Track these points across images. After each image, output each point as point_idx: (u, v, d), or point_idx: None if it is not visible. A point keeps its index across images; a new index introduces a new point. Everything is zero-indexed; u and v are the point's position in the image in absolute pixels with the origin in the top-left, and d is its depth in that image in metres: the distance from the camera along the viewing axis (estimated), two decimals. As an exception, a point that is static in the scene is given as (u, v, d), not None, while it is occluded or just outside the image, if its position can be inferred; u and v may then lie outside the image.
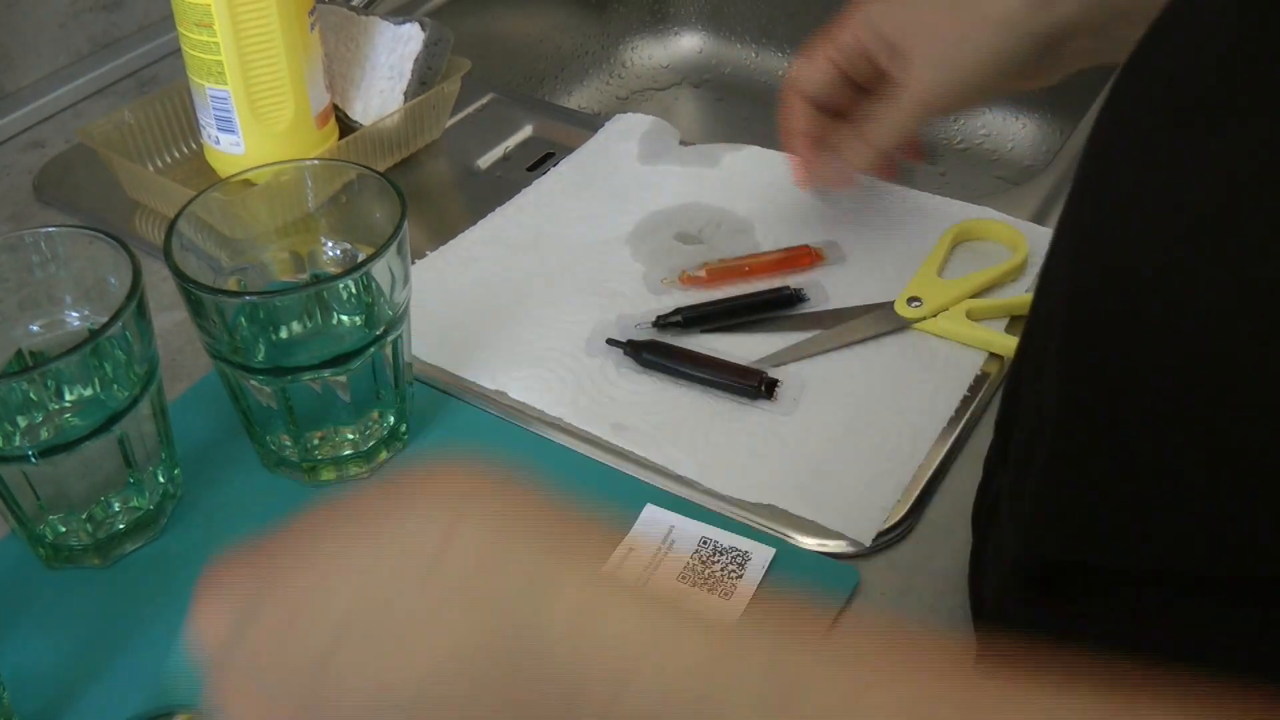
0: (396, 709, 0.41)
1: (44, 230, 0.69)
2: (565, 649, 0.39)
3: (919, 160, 0.88)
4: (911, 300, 0.82)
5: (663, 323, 0.81)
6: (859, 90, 0.83)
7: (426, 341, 0.81)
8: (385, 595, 0.42)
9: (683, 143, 1.01)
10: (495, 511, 0.44)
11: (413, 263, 0.87)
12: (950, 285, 0.83)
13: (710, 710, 0.38)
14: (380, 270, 0.68)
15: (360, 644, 0.42)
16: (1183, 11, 0.47)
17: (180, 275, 0.65)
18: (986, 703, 0.36)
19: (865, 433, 0.74)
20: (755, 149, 0.99)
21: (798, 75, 0.84)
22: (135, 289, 0.65)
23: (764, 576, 0.66)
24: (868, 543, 0.68)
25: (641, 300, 0.84)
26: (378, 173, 0.72)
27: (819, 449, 0.73)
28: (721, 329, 0.81)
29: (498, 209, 0.94)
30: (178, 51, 0.91)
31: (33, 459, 0.63)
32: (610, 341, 0.80)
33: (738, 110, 1.43)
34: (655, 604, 0.41)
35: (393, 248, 0.67)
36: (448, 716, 0.41)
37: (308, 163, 0.75)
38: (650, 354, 0.79)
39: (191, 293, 0.65)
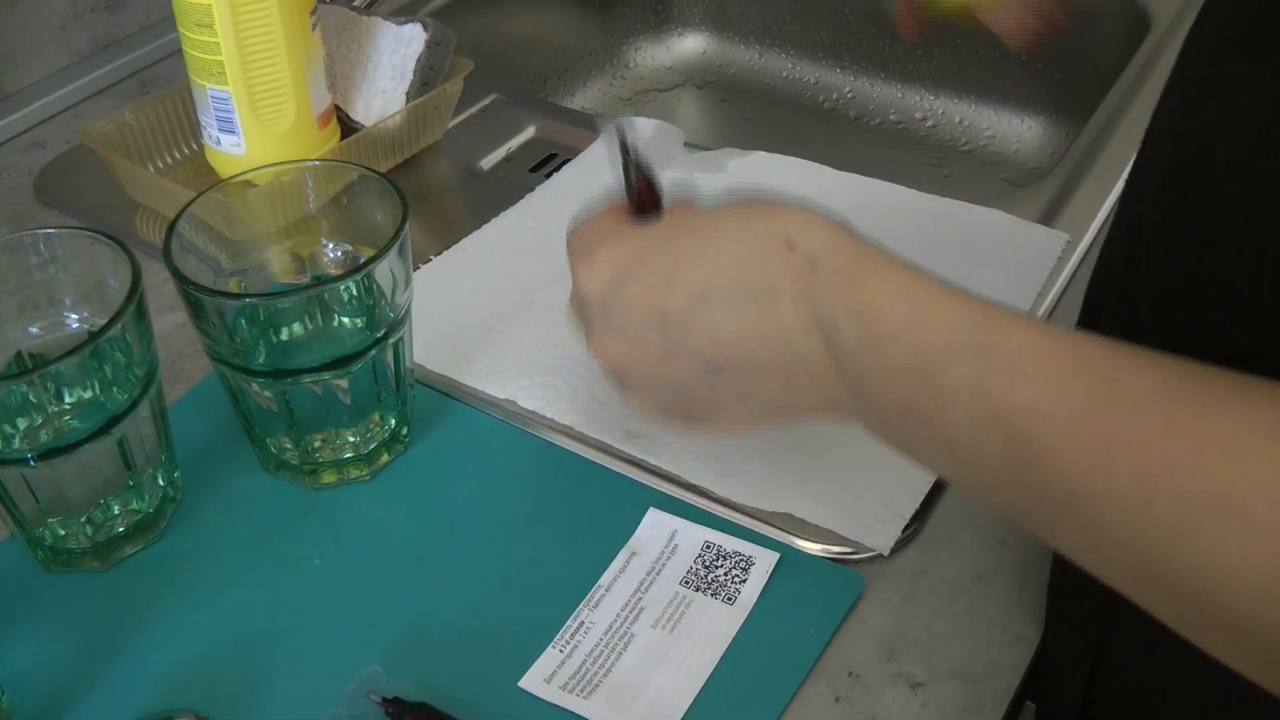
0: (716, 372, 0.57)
1: (43, 232, 0.69)
2: None
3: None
4: None
5: None
6: None
7: (433, 348, 0.81)
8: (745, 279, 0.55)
9: (687, 145, 1.01)
10: None
11: (418, 267, 0.87)
12: None
13: None
14: (381, 272, 0.67)
15: (708, 312, 0.55)
16: None
17: (180, 277, 0.65)
18: None
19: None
20: (761, 154, 0.99)
21: None
22: (134, 291, 0.64)
23: (768, 581, 0.66)
24: (886, 552, 0.67)
25: None
26: (379, 174, 0.71)
27: (835, 456, 0.72)
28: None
29: (502, 213, 0.94)
30: (179, 52, 0.91)
31: (31, 462, 0.63)
32: None
33: (741, 111, 1.42)
34: None
35: (394, 250, 0.67)
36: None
37: (309, 164, 0.74)
38: None
39: (191, 294, 0.65)
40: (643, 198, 0.63)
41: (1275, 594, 0.40)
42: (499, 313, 0.84)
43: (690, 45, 1.50)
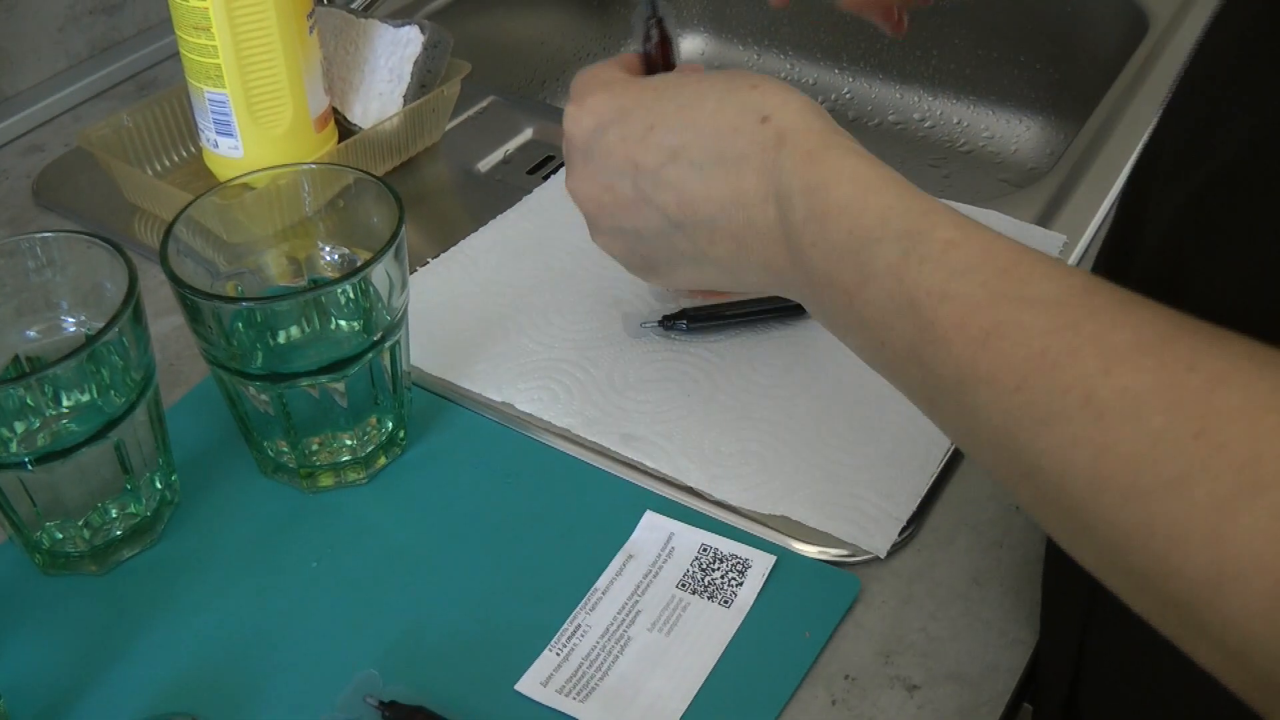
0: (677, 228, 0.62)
1: (40, 235, 0.69)
2: None
3: (900, 29, 0.87)
4: None
5: (669, 324, 0.80)
6: None
7: (431, 351, 0.81)
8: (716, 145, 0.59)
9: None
10: None
11: (415, 269, 0.87)
12: None
13: None
14: (378, 276, 0.67)
15: (678, 170, 0.60)
16: None
17: (176, 281, 0.65)
18: None
19: (878, 440, 0.73)
20: None
21: None
22: (131, 294, 0.64)
23: (764, 584, 0.66)
24: (882, 555, 0.67)
25: (645, 304, 0.84)
26: (375, 177, 0.71)
27: (830, 458, 0.72)
28: (727, 329, 0.81)
29: (500, 215, 0.94)
30: (177, 54, 0.91)
31: (28, 466, 0.63)
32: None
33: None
34: None
35: (390, 253, 0.67)
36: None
37: (305, 167, 0.74)
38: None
39: (188, 298, 0.65)
40: (652, 60, 0.71)
41: (1122, 495, 0.42)
42: (496, 315, 0.84)
43: (689, 46, 1.50)
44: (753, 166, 0.58)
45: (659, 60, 0.70)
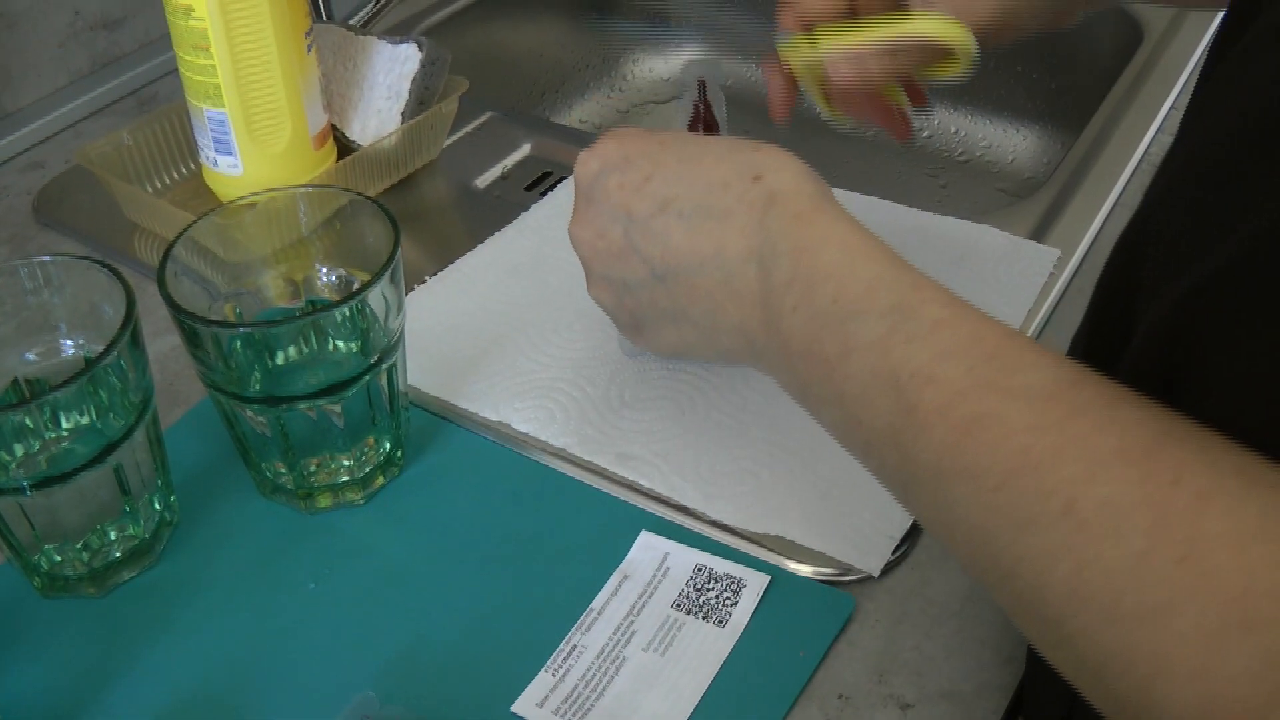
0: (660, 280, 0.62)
1: (38, 259, 0.69)
2: None
3: (921, 103, 0.82)
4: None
5: None
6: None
7: (427, 370, 0.81)
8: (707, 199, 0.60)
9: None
10: None
11: (413, 287, 0.87)
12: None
13: None
14: (375, 298, 0.68)
15: (666, 222, 0.61)
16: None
17: (174, 306, 0.65)
18: None
19: None
20: None
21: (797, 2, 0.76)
22: (129, 319, 0.65)
23: (759, 604, 0.66)
24: (876, 573, 0.68)
25: None
26: (371, 199, 0.72)
27: (824, 476, 0.72)
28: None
29: (497, 233, 0.94)
30: (178, 70, 0.91)
31: (27, 491, 0.63)
32: None
33: (738, 123, 1.41)
34: None
35: (386, 276, 0.67)
36: None
37: (300, 189, 0.75)
38: None
39: (186, 323, 0.65)
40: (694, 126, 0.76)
41: (1104, 615, 0.41)
42: (493, 335, 0.84)
43: (687, 57, 1.51)
44: (738, 223, 0.58)
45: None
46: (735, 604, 0.66)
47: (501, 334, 0.84)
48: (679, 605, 0.66)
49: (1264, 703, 0.37)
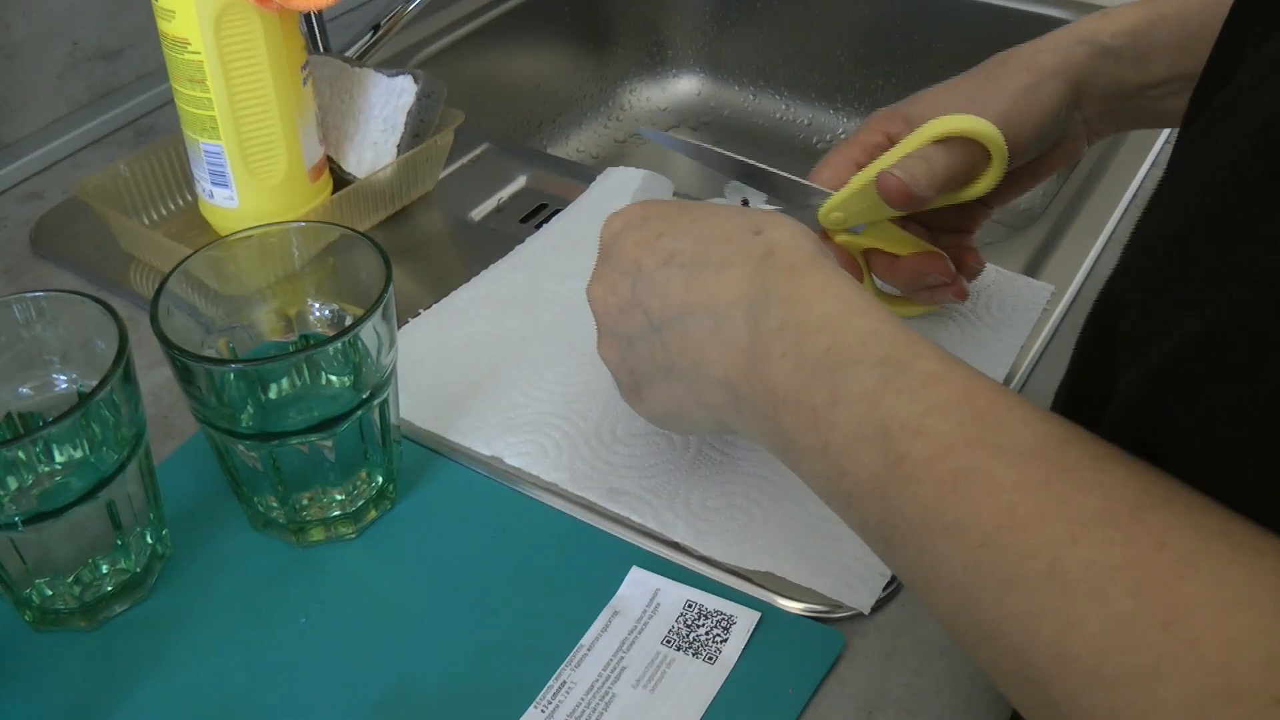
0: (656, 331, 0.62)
1: (30, 295, 0.69)
2: None
3: (962, 295, 0.82)
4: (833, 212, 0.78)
5: None
6: None
7: (420, 403, 0.81)
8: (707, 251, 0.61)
9: (676, 194, 1.02)
10: None
11: (406, 320, 0.87)
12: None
13: None
14: (367, 334, 0.68)
15: (668, 274, 0.62)
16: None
17: (166, 342, 0.65)
18: None
19: None
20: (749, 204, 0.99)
21: (815, 174, 0.80)
22: (122, 354, 0.65)
23: (749, 640, 0.66)
24: (866, 611, 0.68)
25: None
26: (363, 234, 0.72)
27: (814, 512, 0.72)
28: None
29: (490, 266, 0.95)
30: (175, 102, 0.92)
31: (19, 526, 0.64)
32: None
33: (735, 152, 1.43)
34: None
35: (378, 313, 0.67)
36: None
37: (293, 224, 0.75)
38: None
39: (178, 359, 0.66)
40: None
41: (1088, 679, 0.40)
42: (486, 368, 0.84)
43: (685, 87, 1.51)
44: (734, 273, 0.59)
45: None
46: (725, 640, 0.66)
47: (494, 367, 0.84)
48: (669, 642, 0.66)
49: None
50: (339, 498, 0.73)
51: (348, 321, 0.74)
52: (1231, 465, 0.42)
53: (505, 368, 0.84)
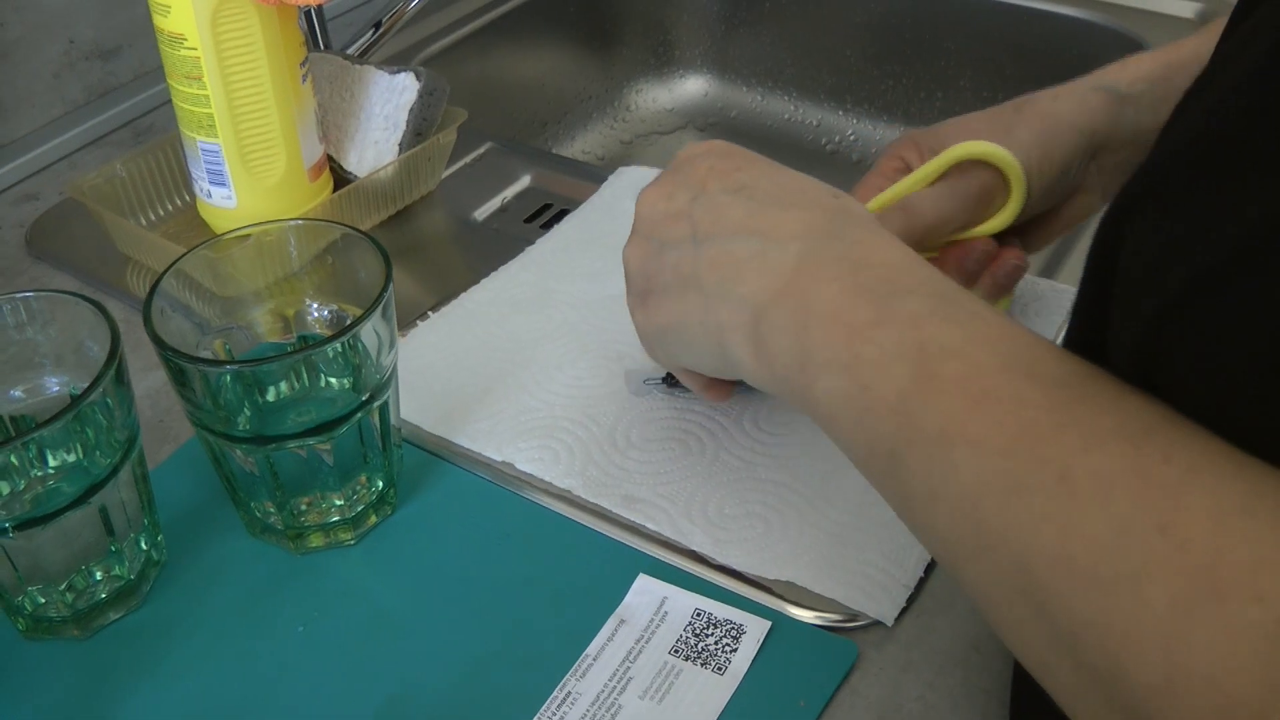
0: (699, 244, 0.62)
1: (20, 295, 0.68)
2: None
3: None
4: None
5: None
6: None
7: (428, 407, 0.80)
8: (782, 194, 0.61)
9: None
10: None
11: (414, 323, 0.86)
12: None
13: None
14: (367, 334, 0.66)
15: (733, 200, 0.62)
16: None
17: (160, 343, 0.64)
18: None
19: (883, 502, 0.71)
20: None
21: None
22: (114, 355, 0.63)
23: (759, 650, 0.64)
24: (889, 622, 0.66)
25: (648, 360, 0.82)
26: (363, 233, 0.70)
27: (836, 520, 0.70)
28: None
29: (500, 267, 0.93)
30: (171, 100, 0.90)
31: (9, 533, 0.62)
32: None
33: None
34: None
35: (378, 312, 0.66)
36: None
37: (291, 223, 0.73)
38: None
39: (172, 361, 0.64)
40: None
41: (1083, 581, 0.41)
42: (497, 372, 0.83)
43: (692, 87, 1.50)
44: (803, 214, 0.59)
45: None
46: (735, 650, 0.64)
47: (505, 371, 0.83)
48: (677, 651, 0.65)
49: (1227, 674, 0.36)
50: (338, 503, 0.71)
51: (347, 322, 0.72)
52: (1236, 395, 0.42)
53: (516, 371, 0.83)
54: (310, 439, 0.67)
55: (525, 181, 1.06)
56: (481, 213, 1.02)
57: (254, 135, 0.89)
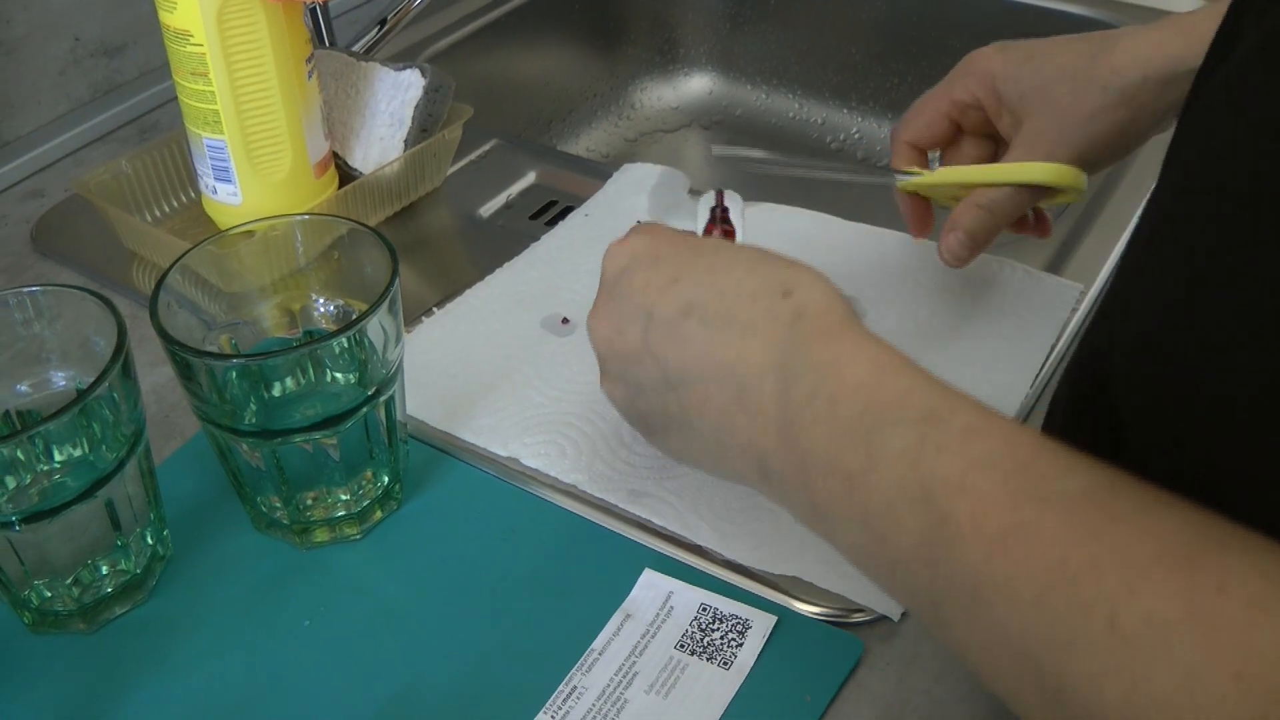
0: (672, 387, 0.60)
1: (27, 290, 0.68)
2: None
3: (1045, 233, 0.85)
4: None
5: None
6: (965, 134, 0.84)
7: (434, 403, 0.80)
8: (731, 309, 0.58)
9: (692, 191, 1.00)
10: None
11: (420, 319, 0.86)
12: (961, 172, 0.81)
13: None
14: (373, 329, 0.66)
15: (686, 327, 0.59)
16: None
17: (166, 337, 0.64)
18: None
19: None
20: (769, 205, 0.98)
21: (909, 125, 0.83)
22: (120, 349, 0.63)
23: (765, 645, 0.64)
24: (896, 617, 0.66)
25: None
26: (369, 228, 0.70)
27: None
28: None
29: (506, 264, 0.93)
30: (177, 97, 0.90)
31: (16, 526, 0.62)
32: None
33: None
34: None
35: (384, 306, 0.66)
36: None
37: (297, 218, 0.73)
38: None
39: (178, 355, 0.64)
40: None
41: None
42: (503, 368, 0.83)
43: (696, 85, 1.50)
44: (761, 337, 0.56)
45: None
46: (740, 645, 0.64)
47: (510, 367, 0.83)
48: (682, 646, 0.65)
49: None
50: (344, 498, 0.71)
51: (353, 317, 0.72)
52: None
53: (522, 368, 0.83)
54: (316, 434, 0.67)
55: (530, 178, 1.06)
56: (487, 209, 1.02)
57: (259, 131, 0.89)
